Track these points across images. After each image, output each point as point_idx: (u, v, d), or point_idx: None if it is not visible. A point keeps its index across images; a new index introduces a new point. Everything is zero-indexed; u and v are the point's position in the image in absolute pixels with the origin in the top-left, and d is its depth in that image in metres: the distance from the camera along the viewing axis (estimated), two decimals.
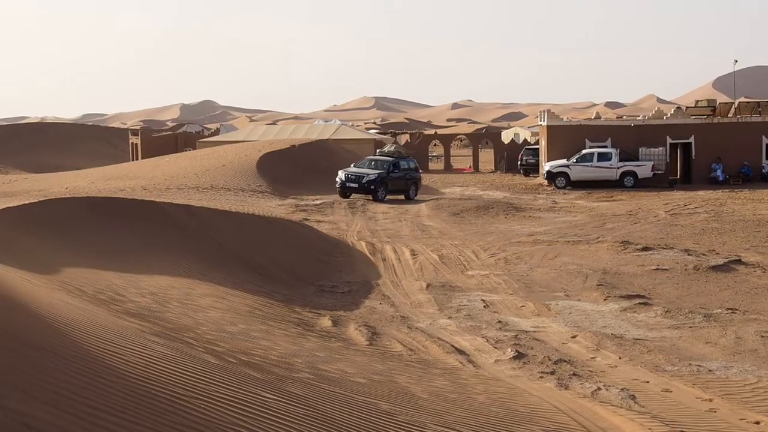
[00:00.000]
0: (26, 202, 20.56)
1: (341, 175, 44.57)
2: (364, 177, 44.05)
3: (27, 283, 11.76)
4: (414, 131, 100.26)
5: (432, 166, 75.61)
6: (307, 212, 36.84)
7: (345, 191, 44.25)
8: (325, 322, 16.87)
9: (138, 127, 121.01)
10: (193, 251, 21.27)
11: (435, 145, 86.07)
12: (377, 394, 11.26)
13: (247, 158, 52.99)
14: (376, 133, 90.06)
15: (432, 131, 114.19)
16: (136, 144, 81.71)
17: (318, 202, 41.78)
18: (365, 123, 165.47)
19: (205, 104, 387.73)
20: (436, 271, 23.52)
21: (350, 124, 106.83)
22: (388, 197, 44.38)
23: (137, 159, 76.33)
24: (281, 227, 27.45)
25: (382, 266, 24.29)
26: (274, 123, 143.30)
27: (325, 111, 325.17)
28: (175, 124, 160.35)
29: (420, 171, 48.05)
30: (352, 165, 46.08)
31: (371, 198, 43.61)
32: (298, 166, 52.11)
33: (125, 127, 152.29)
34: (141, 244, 20.21)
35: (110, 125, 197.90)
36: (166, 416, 7.53)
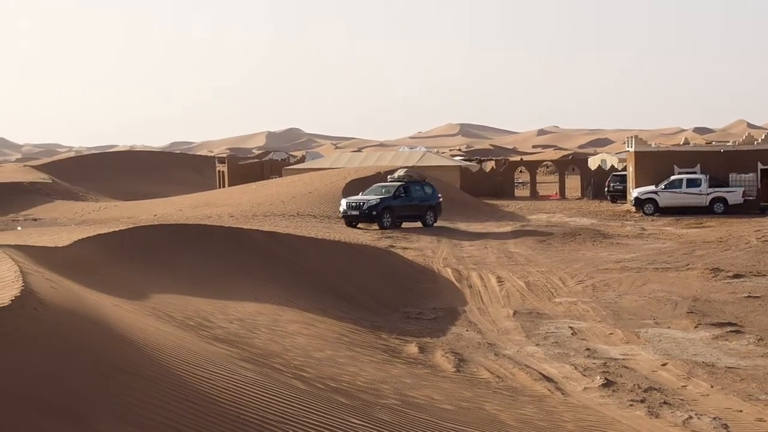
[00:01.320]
0: (116, 229, 20.85)
1: (343, 204, 42.49)
2: (364, 204, 41.56)
3: (118, 309, 11.90)
4: (499, 158, 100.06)
5: (518, 192, 75.17)
6: (392, 239, 36.84)
7: (349, 220, 42.08)
8: (412, 348, 16.81)
9: (225, 155, 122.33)
10: (280, 278, 21.37)
11: (521, 171, 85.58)
12: (465, 421, 11.16)
13: (333, 185, 53.28)
14: (462, 159, 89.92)
15: (518, 158, 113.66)
16: (223, 171, 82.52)
17: (404, 228, 41.83)
18: (450, 150, 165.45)
19: (291, 132, 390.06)
20: (523, 298, 23.34)
21: (435, 151, 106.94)
22: (404, 225, 42.36)
23: (224, 186, 77.09)
24: (367, 254, 27.49)
25: (468, 293, 24.17)
26: (359, 150, 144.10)
27: (411, 138, 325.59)
28: (261, 151, 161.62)
29: (440, 196, 44.66)
30: (360, 194, 43.97)
31: (377, 226, 41.34)
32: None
33: (212, 154, 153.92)
34: (228, 271, 20.37)
35: (197, 153, 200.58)
36: None
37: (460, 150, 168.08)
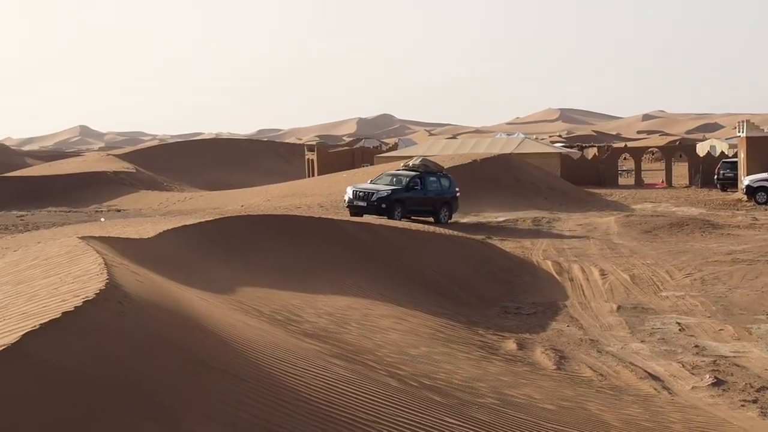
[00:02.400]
0: (202, 220, 20.80)
1: (349, 192, 38.63)
2: (373, 194, 37.55)
3: (205, 303, 11.73)
4: (602, 144, 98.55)
5: (622, 181, 73.90)
6: (489, 230, 36.45)
7: (354, 210, 37.68)
8: (510, 345, 16.42)
9: (314, 143, 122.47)
10: (371, 270, 21.16)
11: (625, 158, 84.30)
12: (566, 421, 10.88)
13: None
14: (562, 146, 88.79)
15: (621, 144, 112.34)
16: (312, 160, 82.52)
17: (501, 219, 41.30)
18: (550, 136, 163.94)
19: (383, 118, 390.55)
20: (627, 292, 22.73)
21: (534, 137, 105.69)
22: (414, 219, 38.07)
23: (313, 175, 77.18)
24: (463, 246, 27.12)
25: (569, 287, 23.65)
26: (454, 137, 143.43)
27: (508, 124, 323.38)
28: (351, 138, 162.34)
29: (458, 190, 40.91)
30: (368, 181, 40.42)
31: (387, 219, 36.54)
32: (479, 181, 51.64)
33: (301, 142, 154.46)
34: (318, 263, 20.21)
35: (285, 140, 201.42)
36: None
37: (560, 136, 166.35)
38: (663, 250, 30.37)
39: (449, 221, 38.96)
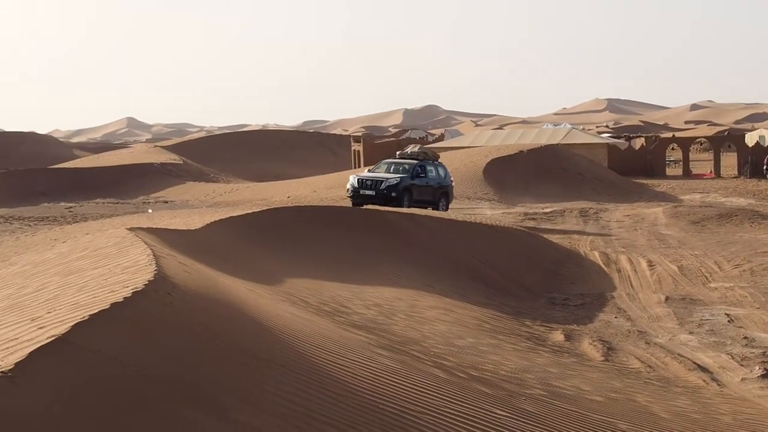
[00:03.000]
0: (249, 211, 20.85)
1: (353, 180, 36.73)
2: (383, 182, 35.74)
3: (252, 294, 11.77)
4: (649, 134, 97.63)
5: (669, 171, 73.13)
6: (536, 221, 36.24)
7: (358, 200, 35.57)
8: (558, 336, 16.33)
9: (360, 134, 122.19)
10: (417, 261, 21.12)
11: (672, 149, 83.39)
12: (615, 412, 10.81)
13: (473, 164, 52.78)
14: (609, 137, 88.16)
15: (669, 134, 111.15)
16: (359, 151, 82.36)
17: (548, 210, 41.05)
18: (597, 126, 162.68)
19: (429, 109, 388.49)
20: (676, 283, 22.53)
21: (581, 127, 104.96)
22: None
23: (359, 166, 77.05)
24: (509, 236, 27.01)
25: (616, 278, 23.47)
26: (500, 127, 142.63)
27: (555, 114, 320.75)
28: (398, 129, 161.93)
29: (453, 179, 39.59)
30: (366, 170, 38.78)
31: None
32: (526, 172, 51.42)
33: (347, 133, 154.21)
34: (365, 254, 20.20)
35: (332, 132, 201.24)
36: (396, 431, 7.29)
37: (607, 126, 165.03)
38: (711, 241, 30.08)
39: (447, 210, 36.58)
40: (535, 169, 52.34)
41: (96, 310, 7.09)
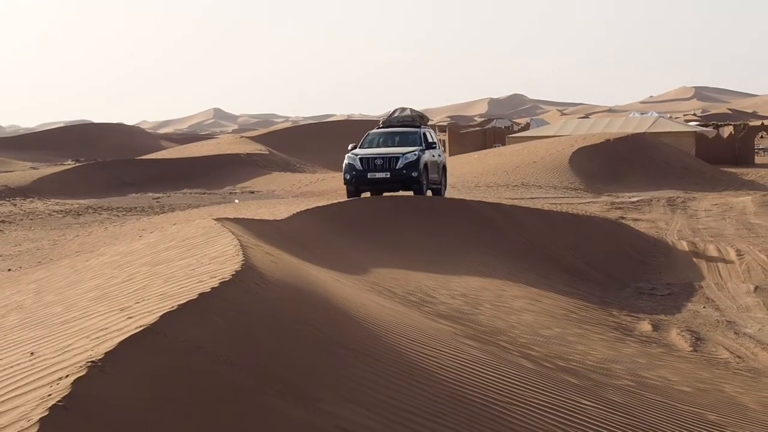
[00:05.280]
0: (334, 201, 20.90)
1: (351, 160, 26.10)
2: (398, 159, 25.61)
3: (338, 284, 11.79)
4: (738, 123, 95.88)
5: (758, 159, 71.73)
6: (623, 210, 35.81)
7: (361, 184, 25.77)
8: (645, 326, 16.13)
9: (445, 123, 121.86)
10: (504, 251, 20.99)
11: (761, 137, 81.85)
12: (703, 403, 10.68)
13: (559, 154, 52.30)
14: (697, 125, 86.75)
15: (758, 122, 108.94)
16: (444, 140, 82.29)
17: (635, 199, 40.54)
18: (684, 115, 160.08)
19: (515, 98, 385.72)
20: (765, 272, 22.10)
21: (668, 116, 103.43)
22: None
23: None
24: (596, 226, 26.72)
25: (704, 267, 23.10)
26: (586, 116, 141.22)
27: (641, 103, 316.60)
28: (483, 119, 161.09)
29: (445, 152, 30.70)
30: (350, 146, 27.77)
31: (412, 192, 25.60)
32: (613, 161, 50.84)
33: (432, 123, 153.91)
34: (450, 244, 20.12)
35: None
36: (483, 422, 7.30)
37: (694, 115, 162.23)
38: None
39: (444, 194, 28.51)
40: (621, 158, 51.70)
41: (184, 301, 7.15)
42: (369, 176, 25.62)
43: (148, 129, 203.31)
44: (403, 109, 29.55)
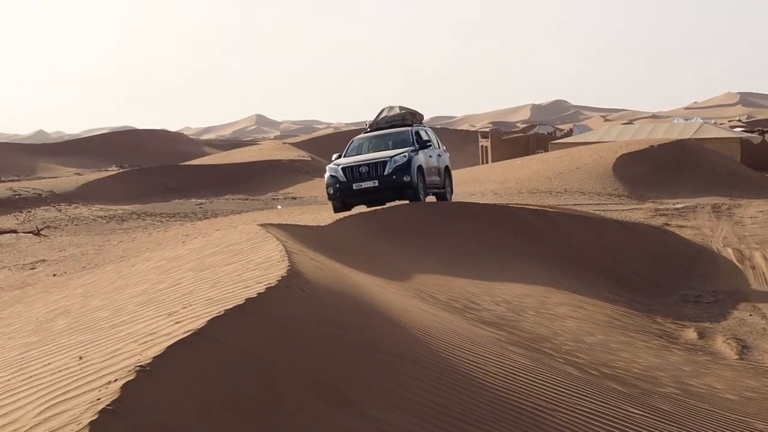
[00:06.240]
0: (378, 207, 20.90)
1: (333, 172, 23.59)
2: (386, 163, 23.19)
3: (382, 290, 11.80)
4: None
5: None
6: (667, 216, 35.56)
7: (347, 197, 23.45)
8: (690, 334, 16.00)
9: (488, 129, 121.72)
10: (547, 258, 20.91)
11: None
12: (750, 412, 10.61)
13: (603, 160, 52.05)
14: (742, 131, 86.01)
15: None
16: (486, 147, 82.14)
17: (680, 205, 40.25)
18: (729, 121, 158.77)
19: (557, 104, 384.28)
20: None
21: (713, 122, 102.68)
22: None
23: (487, 162, 76.77)
24: (640, 233, 26.56)
25: (751, 275, 22.87)
26: (630, 122, 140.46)
27: (685, 108, 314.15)
28: (525, 125, 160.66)
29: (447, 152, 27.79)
30: (334, 156, 24.76)
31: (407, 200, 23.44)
32: (657, 167, 50.53)
33: (474, 129, 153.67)
34: (493, 250, 20.07)
35: (459, 128, 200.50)
36: (529, 429, 7.30)
37: (740, 121, 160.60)
38: None
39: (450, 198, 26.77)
40: (665, 164, 51.38)
41: (231, 306, 7.19)
42: (355, 187, 23.13)
43: (191, 135, 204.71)
44: (392, 108, 26.76)
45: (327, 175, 23.73)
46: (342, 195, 23.32)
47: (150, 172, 68.00)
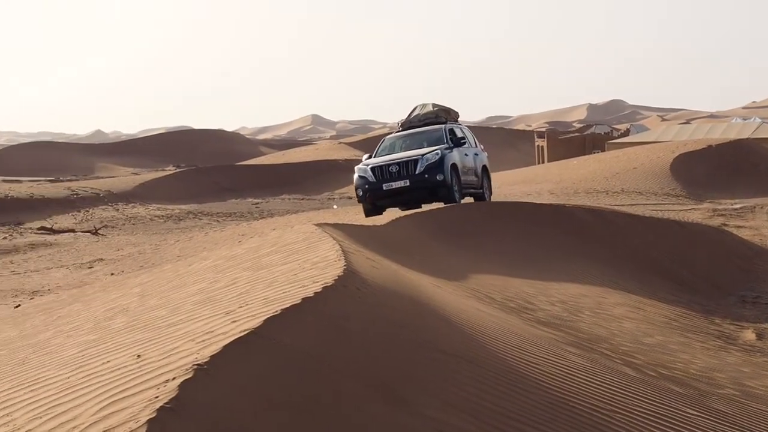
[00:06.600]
0: (433, 207, 20.85)
1: (362, 172, 22.56)
2: (417, 162, 22.00)
3: (438, 289, 11.77)
4: None
5: None
6: (725, 217, 35.18)
7: (378, 199, 22.36)
8: (749, 335, 15.83)
9: (544, 129, 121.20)
10: (603, 258, 20.77)
11: None
12: None
13: (660, 160, 51.67)
14: None
15: None
16: (542, 146, 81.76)
17: (738, 206, 39.81)
18: None
19: (614, 104, 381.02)
20: None
21: None
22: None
23: (543, 162, 76.42)
24: (698, 233, 26.30)
25: None
26: (687, 122, 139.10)
27: (744, 108, 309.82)
28: (582, 125, 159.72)
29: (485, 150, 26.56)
30: (364, 156, 23.83)
31: (442, 202, 22.28)
32: (714, 167, 50.09)
33: (530, 129, 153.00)
34: (549, 250, 19.97)
35: (515, 127, 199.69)
36: (586, 430, 7.25)
37: None
38: None
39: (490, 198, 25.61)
40: (723, 164, 50.92)
41: (287, 305, 7.21)
42: (385, 187, 21.93)
43: (247, 135, 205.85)
44: (424, 105, 25.37)
45: (355, 176, 22.62)
46: (372, 196, 22.22)
47: (206, 172, 68.48)
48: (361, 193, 22.32)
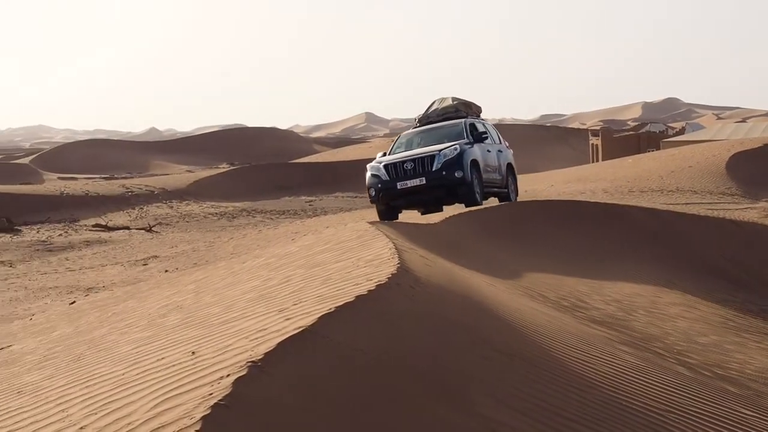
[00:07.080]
0: (487, 206, 20.73)
1: (375, 170, 20.32)
2: (434, 158, 19.75)
3: (492, 288, 11.75)
4: None
5: None
6: None
7: (391, 199, 20.06)
8: None
9: (598, 127, 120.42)
10: (658, 257, 20.60)
11: None
12: None
13: (715, 159, 51.11)
14: None
15: None
16: (597, 145, 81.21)
17: None
18: None
19: (669, 102, 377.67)
20: None
21: None
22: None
23: (597, 160, 75.89)
24: (754, 232, 26.00)
25: None
26: (743, 120, 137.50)
27: None
28: (636, 123, 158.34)
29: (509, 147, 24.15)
30: (378, 154, 21.40)
31: (464, 203, 20.15)
32: None
33: (584, 127, 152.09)
34: (603, 249, 19.84)
35: (569, 126, 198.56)
36: (640, 429, 7.25)
37: None
38: None
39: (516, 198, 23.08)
40: None
41: (341, 303, 7.22)
42: (399, 186, 19.75)
43: (301, 133, 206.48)
44: (443, 99, 23.37)
45: (368, 174, 20.48)
46: (385, 196, 20.05)
47: (260, 170, 68.67)
48: (373, 192, 20.27)
